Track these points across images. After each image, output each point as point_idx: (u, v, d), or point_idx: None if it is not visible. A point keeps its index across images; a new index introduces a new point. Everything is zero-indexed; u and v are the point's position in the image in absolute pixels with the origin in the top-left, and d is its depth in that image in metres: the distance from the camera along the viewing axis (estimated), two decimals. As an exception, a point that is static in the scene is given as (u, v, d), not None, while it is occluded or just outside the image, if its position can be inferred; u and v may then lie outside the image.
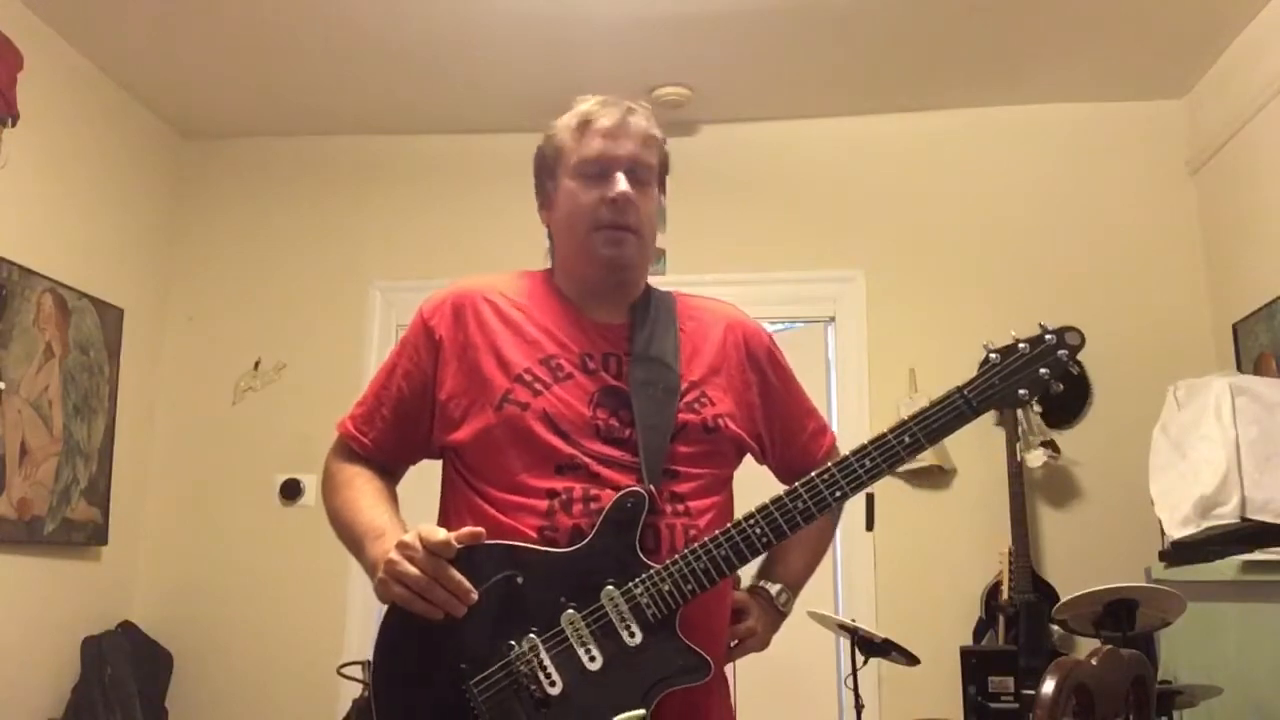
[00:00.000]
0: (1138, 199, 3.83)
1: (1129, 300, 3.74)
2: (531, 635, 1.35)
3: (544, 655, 1.34)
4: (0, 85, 3.13)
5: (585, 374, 1.49)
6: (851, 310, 3.87)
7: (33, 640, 3.30)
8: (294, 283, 4.07)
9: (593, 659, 1.35)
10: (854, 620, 2.96)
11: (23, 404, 3.25)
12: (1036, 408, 3.56)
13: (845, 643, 3.09)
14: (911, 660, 2.88)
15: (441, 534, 1.34)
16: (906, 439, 1.42)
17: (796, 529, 1.41)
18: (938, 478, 3.71)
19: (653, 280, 1.65)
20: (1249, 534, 2.65)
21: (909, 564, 3.65)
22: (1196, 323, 3.70)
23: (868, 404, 3.78)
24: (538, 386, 1.47)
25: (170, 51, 3.57)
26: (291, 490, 3.87)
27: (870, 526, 3.26)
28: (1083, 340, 1.46)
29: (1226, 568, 2.69)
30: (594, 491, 1.41)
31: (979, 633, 3.50)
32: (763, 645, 1.58)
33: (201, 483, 3.93)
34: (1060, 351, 1.44)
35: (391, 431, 1.56)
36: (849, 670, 2.93)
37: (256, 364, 4.01)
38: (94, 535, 3.60)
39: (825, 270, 3.92)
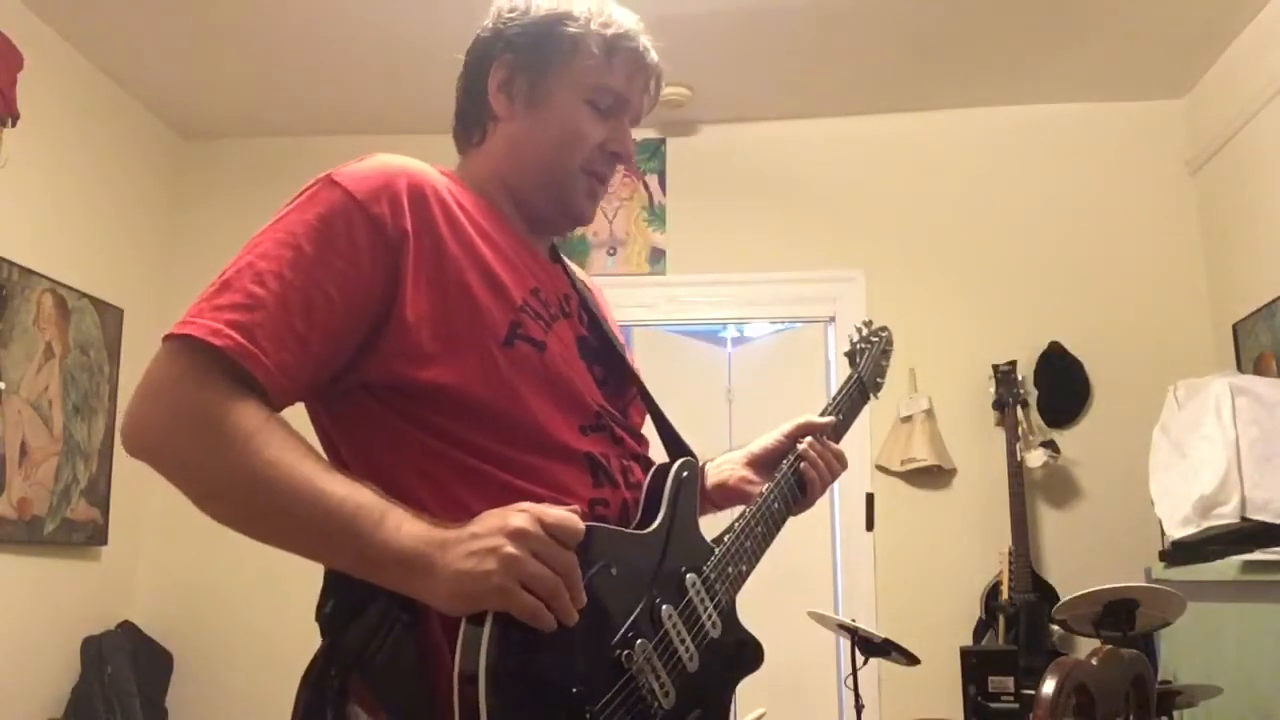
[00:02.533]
0: (1138, 199, 3.84)
1: (1129, 300, 3.74)
2: (642, 642, 1.07)
3: (658, 665, 1.08)
4: (0, 85, 3.13)
5: (566, 316, 1.24)
6: (851, 310, 3.87)
7: (33, 640, 3.30)
8: (294, 283, 4.07)
9: (691, 659, 1.12)
10: (854, 620, 2.95)
11: (23, 404, 3.25)
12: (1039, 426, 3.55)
13: (845, 643, 3.08)
14: (911, 660, 2.88)
15: (558, 514, 1.00)
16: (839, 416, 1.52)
17: (797, 500, 1.37)
18: (937, 478, 3.71)
19: (653, 280, 1.63)
20: (1249, 534, 2.65)
21: (909, 564, 3.65)
22: (1196, 323, 3.70)
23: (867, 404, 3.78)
24: (542, 323, 1.17)
25: (170, 51, 3.57)
26: (291, 490, 3.86)
27: (870, 526, 3.26)
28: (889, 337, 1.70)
29: (1226, 568, 2.69)
30: (625, 458, 1.21)
31: (979, 633, 3.50)
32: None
33: (201, 483, 3.93)
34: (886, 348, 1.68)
35: (310, 366, 1.05)
36: (849, 670, 2.93)
37: (256, 364, 4.01)
38: (94, 535, 3.60)
39: (825, 270, 3.92)
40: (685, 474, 1.22)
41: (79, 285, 3.53)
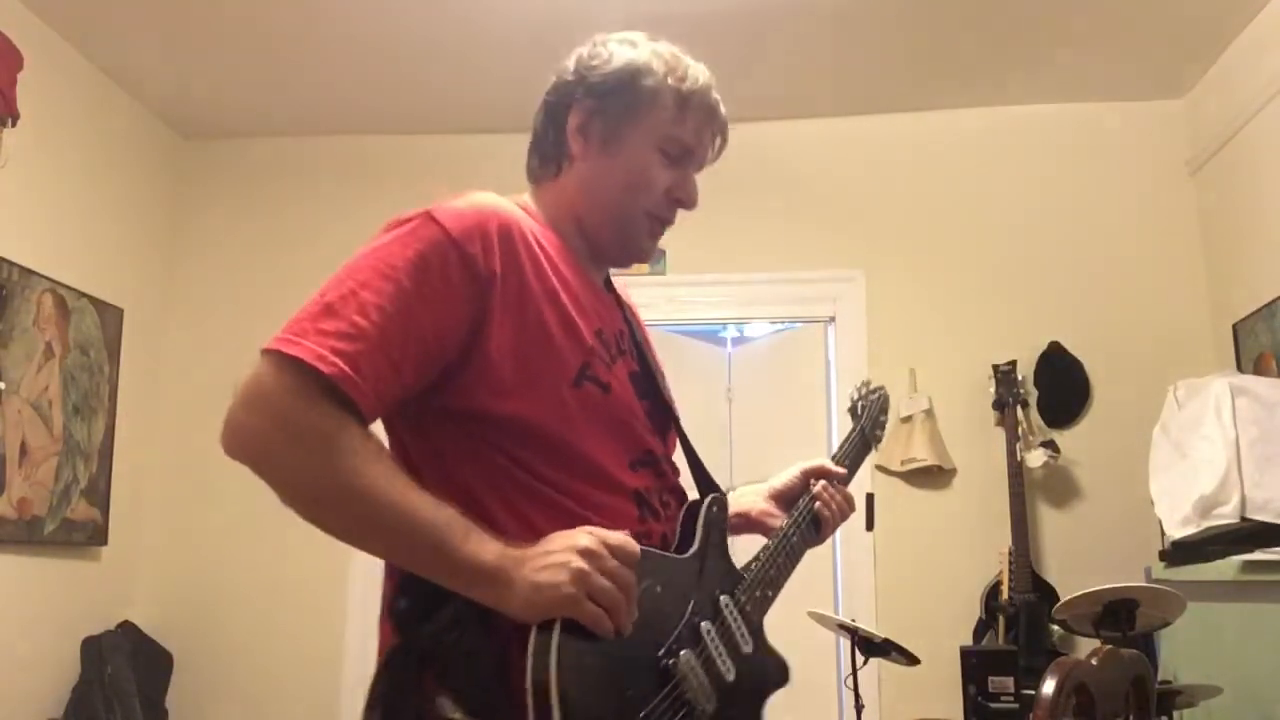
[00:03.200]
0: (1138, 199, 3.83)
1: (1129, 300, 3.74)
2: (686, 652, 1.18)
3: (701, 673, 1.19)
4: (0, 85, 3.13)
5: (624, 353, 1.35)
6: (851, 310, 3.87)
7: (33, 640, 3.30)
8: (294, 282, 4.04)
9: (728, 671, 1.24)
10: (854, 620, 2.95)
11: (23, 404, 3.25)
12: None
13: (845, 643, 3.08)
14: (911, 660, 2.88)
15: (619, 537, 1.11)
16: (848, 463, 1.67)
17: (812, 535, 1.51)
18: (937, 477, 3.71)
19: (653, 280, 1.65)
20: (1249, 534, 2.65)
21: (909, 564, 3.65)
22: (1196, 323, 3.70)
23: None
24: (605, 364, 1.28)
25: (170, 51, 3.57)
26: (291, 490, 3.86)
27: (870, 526, 3.23)
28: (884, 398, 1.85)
29: (1226, 568, 2.69)
30: (666, 493, 1.33)
31: (979, 633, 3.50)
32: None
33: (201, 483, 3.92)
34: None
35: (400, 392, 1.15)
36: (849, 670, 2.93)
37: (256, 364, 4.01)
38: (94, 535, 3.60)
39: (825, 270, 3.92)
40: (715, 509, 1.35)
41: (79, 285, 3.53)
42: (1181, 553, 2.92)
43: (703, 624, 1.23)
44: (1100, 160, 3.87)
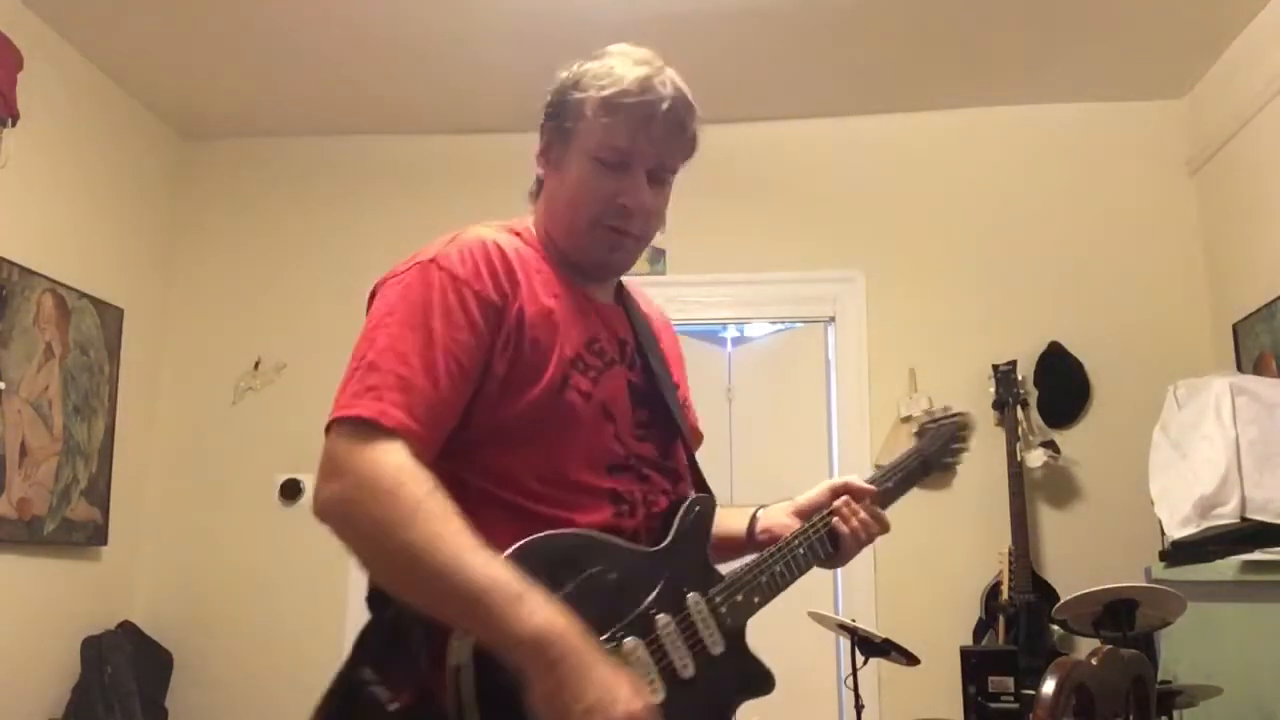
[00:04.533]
0: (1138, 199, 3.83)
1: (1129, 300, 3.74)
2: (633, 640, 1.21)
3: (648, 661, 1.22)
4: (0, 85, 3.13)
5: (619, 362, 1.38)
6: (851, 310, 3.87)
7: (33, 640, 3.30)
8: (294, 283, 4.07)
9: (685, 667, 1.25)
10: (854, 620, 2.95)
11: (23, 404, 3.25)
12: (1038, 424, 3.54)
13: (845, 643, 3.09)
14: (911, 660, 2.88)
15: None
16: (890, 484, 1.57)
17: (825, 552, 1.46)
18: (937, 478, 3.70)
19: (653, 280, 1.64)
20: (1249, 534, 2.65)
21: (909, 564, 3.65)
22: (1196, 323, 3.70)
23: (867, 404, 3.78)
24: (592, 374, 1.33)
25: (170, 52, 3.57)
26: (291, 490, 3.87)
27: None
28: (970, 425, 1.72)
29: (1226, 568, 2.69)
30: (650, 496, 1.34)
31: (979, 633, 3.50)
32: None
33: (201, 483, 3.93)
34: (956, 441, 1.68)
35: (448, 424, 1.24)
36: (849, 670, 2.93)
37: (256, 364, 4.01)
38: (94, 535, 3.60)
39: (825, 270, 3.92)
40: (697, 508, 1.36)
41: (79, 285, 3.53)
42: (1181, 553, 2.92)
43: (659, 615, 1.24)
44: (1100, 160, 3.87)
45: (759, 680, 1.35)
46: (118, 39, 3.49)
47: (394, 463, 1.14)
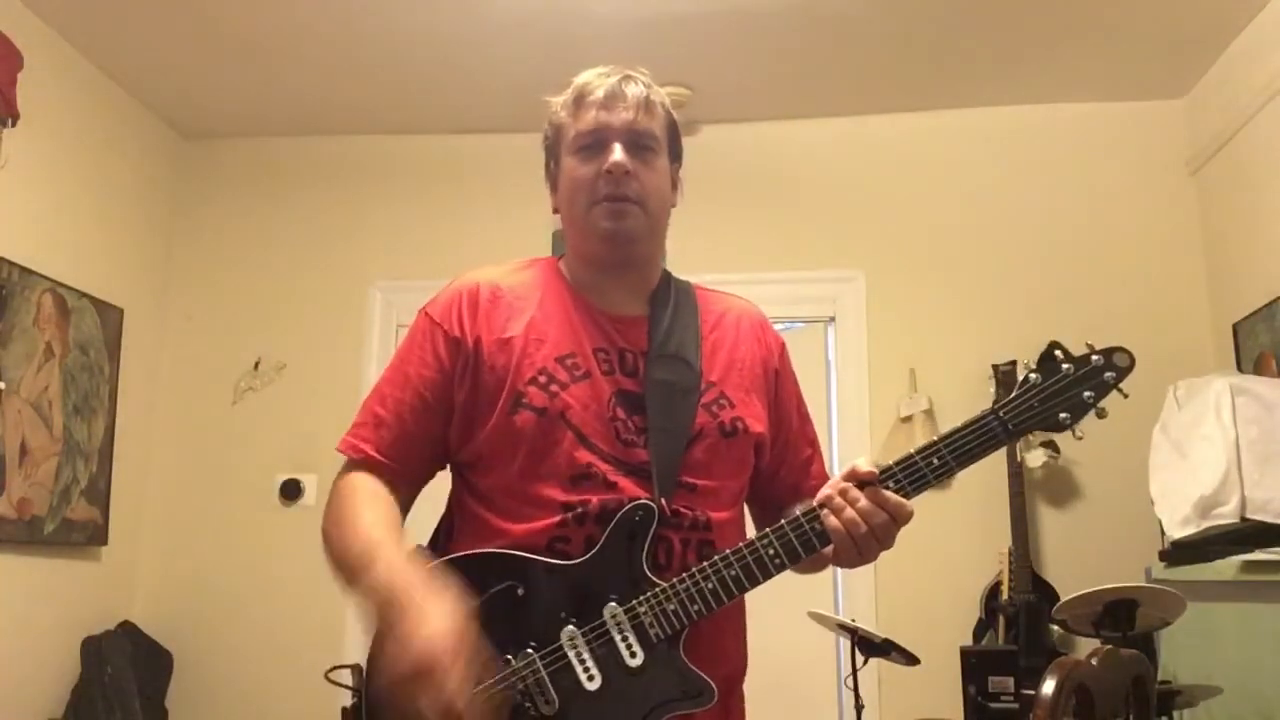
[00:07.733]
0: (1138, 199, 3.83)
1: (1129, 300, 3.74)
2: (529, 651, 1.28)
3: (542, 673, 1.27)
4: (0, 85, 3.13)
5: (602, 374, 1.40)
6: (851, 310, 3.87)
7: (33, 640, 3.30)
8: (294, 283, 4.07)
9: (591, 678, 1.27)
10: (854, 620, 2.95)
11: (23, 404, 3.25)
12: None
13: (845, 643, 3.08)
14: (911, 660, 2.88)
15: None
16: (935, 461, 1.33)
17: (812, 552, 1.32)
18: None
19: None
20: (1249, 534, 2.65)
21: (909, 564, 3.63)
22: (1196, 323, 3.70)
23: (868, 404, 3.78)
24: (554, 388, 1.37)
25: (170, 52, 3.57)
26: (291, 490, 3.87)
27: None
28: (1132, 362, 1.36)
29: (1226, 568, 2.69)
30: (612, 504, 1.33)
31: (979, 633, 3.50)
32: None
33: (201, 483, 3.93)
34: (1107, 374, 1.36)
35: (419, 452, 1.43)
36: (849, 670, 2.93)
37: (256, 364, 4.01)
38: (94, 535, 3.59)
39: (825, 270, 3.92)
40: (637, 516, 1.33)
41: (79, 285, 3.53)
42: (1181, 553, 2.92)
43: (566, 628, 1.29)
44: (1100, 160, 3.87)
45: (691, 694, 1.29)
46: (118, 39, 3.49)
47: (349, 482, 1.41)
